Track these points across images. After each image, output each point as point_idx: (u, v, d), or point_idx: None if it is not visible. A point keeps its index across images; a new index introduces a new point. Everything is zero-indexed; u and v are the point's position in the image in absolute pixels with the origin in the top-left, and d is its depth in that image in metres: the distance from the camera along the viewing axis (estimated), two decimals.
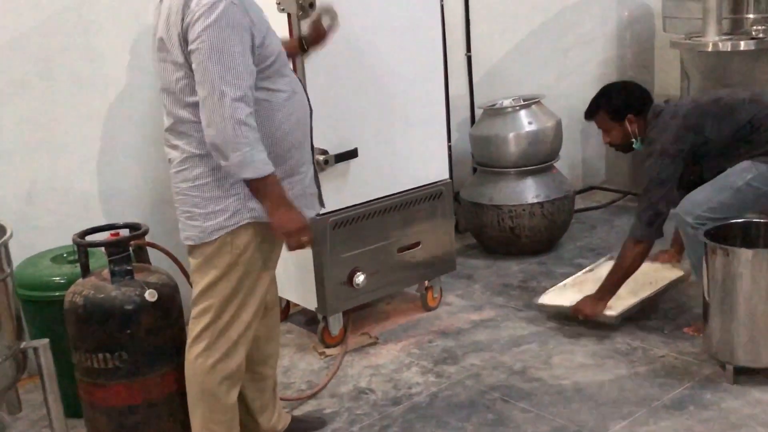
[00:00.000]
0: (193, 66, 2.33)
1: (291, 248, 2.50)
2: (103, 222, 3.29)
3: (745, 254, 3.01)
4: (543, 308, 3.75)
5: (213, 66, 2.28)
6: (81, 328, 2.98)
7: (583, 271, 3.99)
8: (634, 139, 3.55)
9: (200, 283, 2.61)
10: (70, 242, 3.34)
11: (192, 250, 2.61)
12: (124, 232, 3.10)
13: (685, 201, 3.36)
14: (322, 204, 2.80)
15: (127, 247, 3.01)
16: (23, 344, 2.85)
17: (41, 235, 3.47)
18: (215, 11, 2.28)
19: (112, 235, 3.06)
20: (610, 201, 5.34)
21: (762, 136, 3.31)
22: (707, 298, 3.13)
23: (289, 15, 3.16)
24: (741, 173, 3.29)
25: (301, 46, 2.97)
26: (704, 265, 3.11)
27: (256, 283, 2.60)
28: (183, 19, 2.33)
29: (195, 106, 2.38)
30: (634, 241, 3.40)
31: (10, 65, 3.35)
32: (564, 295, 3.75)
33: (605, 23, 5.55)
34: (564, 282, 3.88)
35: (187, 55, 2.35)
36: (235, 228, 2.48)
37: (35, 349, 2.82)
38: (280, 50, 2.51)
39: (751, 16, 4.60)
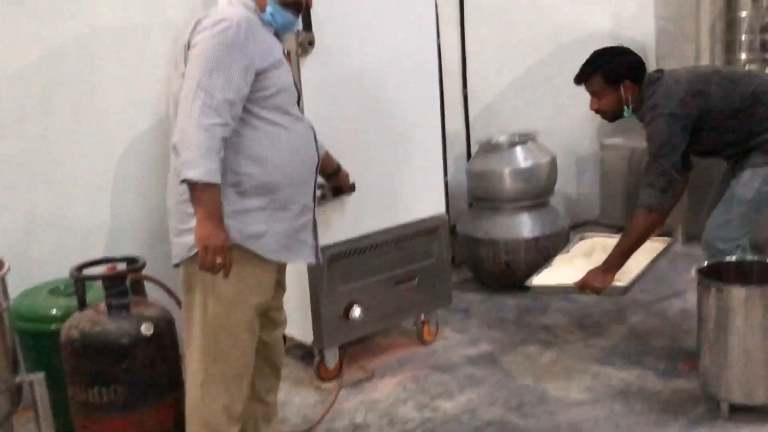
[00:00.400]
0: (186, 69, 2.42)
1: (202, 265, 2.41)
2: (101, 254, 3.33)
3: (739, 292, 3.02)
4: (538, 290, 3.68)
5: (199, 70, 2.36)
6: (77, 362, 2.98)
7: (559, 254, 3.90)
8: (625, 107, 3.43)
9: (187, 306, 2.62)
10: (68, 275, 3.36)
11: (182, 272, 2.61)
12: (122, 266, 3.11)
13: (710, 228, 3.38)
14: (317, 258, 2.77)
15: (124, 281, 3.02)
16: (18, 378, 2.85)
17: (39, 267, 3.48)
18: (219, 26, 2.40)
19: (109, 268, 3.07)
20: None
21: (763, 110, 3.32)
22: (701, 335, 3.14)
23: (288, 52, 3.21)
24: (747, 184, 3.33)
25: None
26: (698, 302, 3.13)
27: (245, 308, 2.58)
28: (192, 32, 2.46)
29: None
30: (648, 210, 3.30)
31: (11, 98, 3.38)
32: (554, 275, 3.66)
33: None
34: (546, 265, 3.78)
35: (187, 62, 2.43)
36: None
37: (30, 383, 2.83)
38: (287, 89, 2.56)
39: (743, 56, 4.67)
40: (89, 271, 3.15)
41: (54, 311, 3.23)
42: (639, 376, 3.51)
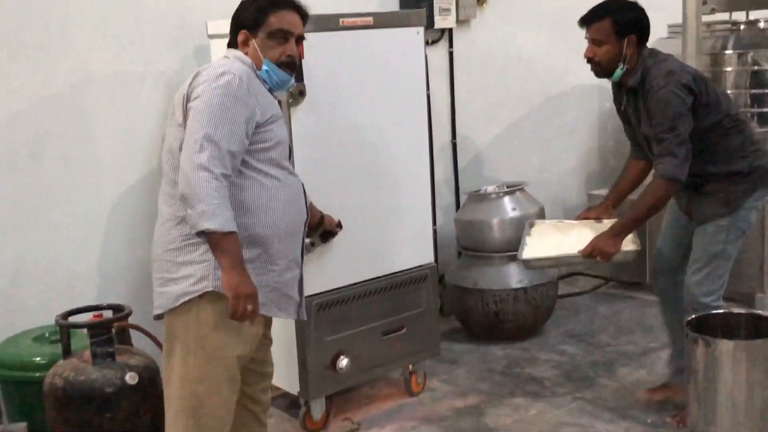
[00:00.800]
0: (188, 121, 2.42)
1: (234, 314, 2.41)
2: (87, 302, 3.31)
3: (726, 345, 3.02)
4: (535, 264, 3.50)
5: (202, 119, 2.38)
6: (60, 411, 2.97)
7: (523, 241, 3.55)
8: (621, 63, 3.24)
9: (168, 356, 2.58)
10: (53, 321, 3.35)
11: (165, 322, 2.58)
12: (108, 314, 3.11)
13: (691, 286, 3.32)
14: (301, 314, 2.77)
15: (109, 329, 3.03)
16: (1, 427, 2.82)
17: (24, 313, 3.46)
18: (223, 79, 2.43)
19: (95, 316, 3.08)
20: (593, 287, 5.37)
21: (735, 138, 3.25)
22: (690, 388, 3.14)
23: (279, 102, 3.24)
24: (714, 240, 3.28)
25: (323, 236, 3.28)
26: (686, 355, 3.13)
27: (227, 361, 2.54)
28: (191, 84, 2.48)
29: None
30: (671, 180, 3.16)
31: (3, 144, 3.40)
32: (544, 246, 3.46)
33: (587, 114, 5.70)
34: (527, 237, 3.54)
35: (186, 112, 2.44)
36: (198, 295, 2.46)
37: None
38: (283, 143, 2.60)
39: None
40: (75, 319, 3.14)
41: (38, 359, 3.21)
42: (627, 429, 3.49)
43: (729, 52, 4.73)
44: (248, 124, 2.44)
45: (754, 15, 4.86)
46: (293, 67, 2.67)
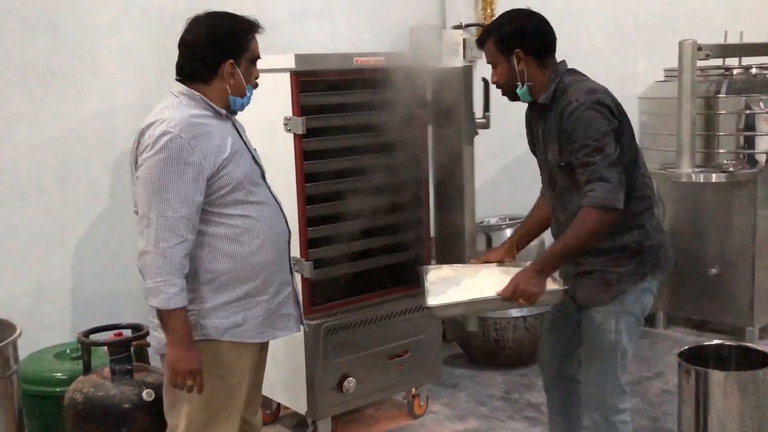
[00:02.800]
0: (137, 189, 2.44)
1: (173, 386, 2.47)
2: (106, 321, 3.42)
3: (717, 376, 3.14)
4: (443, 311, 2.86)
5: (147, 194, 2.37)
6: (79, 425, 3.08)
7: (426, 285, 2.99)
8: (519, 83, 2.81)
9: (165, 398, 2.64)
10: (73, 339, 3.49)
11: (160, 359, 2.62)
12: (127, 332, 3.24)
13: (587, 389, 2.88)
14: (301, 325, 2.78)
15: (128, 347, 3.14)
16: None
17: (46, 331, 3.61)
18: (158, 143, 2.37)
19: (115, 335, 3.20)
20: None
21: (636, 202, 2.74)
22: (682, 417, 3.24)
23: (295, 135, 3.41)
24: (604, 329, 2.79)
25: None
26: (678, 385, 3.24)
27: (222, 405, 2.58)
28: (138, 147, 2.46)
29: None
30: (602, 208, 2.60)
31: (33, 169, 3.57)
32: (452, 290, 2.88)
33: None
34: (428, 283, 2.97)
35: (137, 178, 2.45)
36: None
37: None
38: (245, 179, 2.52)
39: (722, 150, 4.91)
40: (96, 337, 3.28)
41: (59, 375, 3.35)
42: None
43: (722, 95, 4.90)
44: (197, 181, 2.40)
45: (746, 61, 5.03)
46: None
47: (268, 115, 3.49)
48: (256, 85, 2.64)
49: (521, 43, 2.79)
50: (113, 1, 3.71)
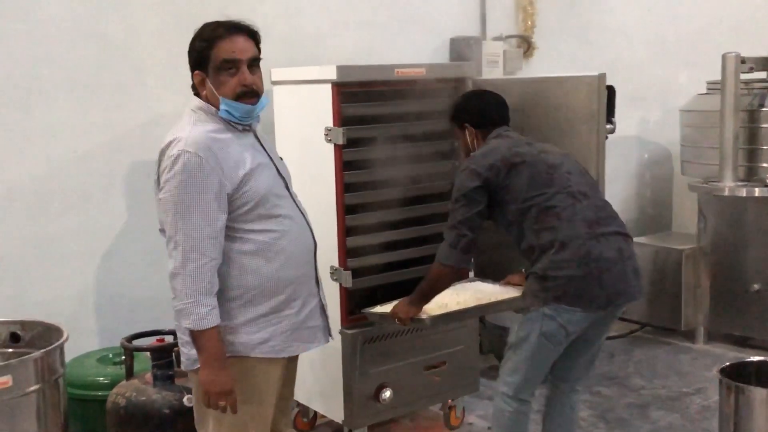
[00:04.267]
0: (160, 211, 2.45)
1: (206, 406, 2.48)
2: (148, 327, 3.47)
3: (760, 393, 3.09)
4: (370, 317, 3.46)
5: (171, 218, 2.38)
6: (121, 428, 3.13)
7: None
8: (473, 150, 3.22)
9: (197, 411, 2.65)
10: (115, 344, 3.54)
11: (190, 375, 2.63)
12: (169, 338, 3.28)
13: (501, 375, 3.18)
14: (329, 336, 2.76)
15: (170, 353, 3.19)
16: None
17: (89, 336, 3.68)
18: (176, 165, 2.37)
19: (158, 340, 3.24)
20: (628, 331, 5.46)
21: (544, 234, 2.94)
22: None
23: (335, 146, 3.45)
24: (521, 325, 3.04)
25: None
26: (719, 401, 3.21)
27: (251, 421, 2.57)
28: (159, 167, 2.47)
29: None
30: (439, 264, 3.07)
31: (78, 177, 3.64)
32: (443, 301, 3.39)
33: (626, 163, 5.82)
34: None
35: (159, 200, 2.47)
36: None
37: None
38: (266, 192, 2.50)
39: (765, 164, 4.85)
40: (138, 342, 3.33)
41: (102, 379, 3.41)
42: None
43: (766, 109, 4.84)
44: (219, 199, 2.40)
45: None
46: (254, 95, 2.51)
47: (309, 126, 3.54)
48: (240, 94, 2.49)
49: (469, 117, 3.27)
50: (160, 11, 3.79)
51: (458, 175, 3.08)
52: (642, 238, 5.61)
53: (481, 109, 3.28)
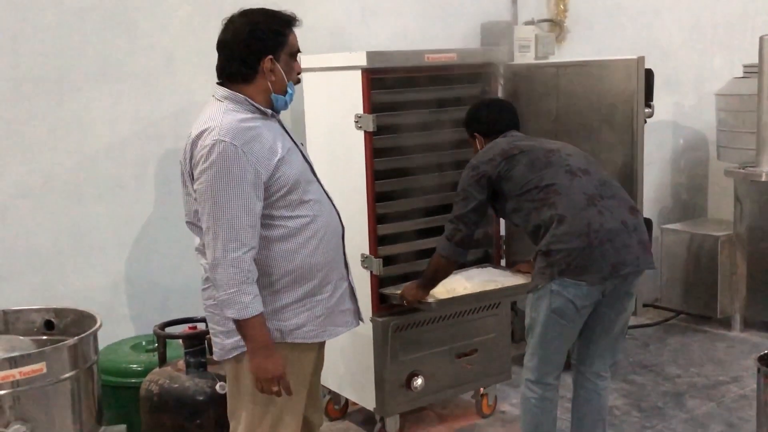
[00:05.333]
0: (198, 202, 2.44)
1: (261, 392, 2.49)
2: (180, 314, 3.50)
3: None
4: (387, 297, 3.56)
5: (209, 208, 2.38)
6: (154, 415, 3.16)
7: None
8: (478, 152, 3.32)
9: (231, 400, 2.66)
10: (147, 332, 3.57)
11: (225, 366, 2.67)
12: (201, 326, 3.30)
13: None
14: (359, 319, 2.78)
15: (203, 341, 3.21)
16: (102, 429, 3.03)
17: (122, 323, 3.71)
18: (212, 155, 2.36)
19: (190, 328, 3.26)
20: (663, 319, 5.40)
21: (544, 211, 3.00)
22: (761, 423, 3.16)
23: (365, 133, 3.43)
24: (529, 308, 3.10)
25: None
26: (757, 390, 3.16)
27: (285, 404, 2.57)
28: (192, 158, 2.45)
29: None
30: (437, 254, 3.26)
31: (110, 167, 3.67)
32: (450, 284, 3.57)
33: (662, 149, 5.74)
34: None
35: (194, 191, 2.46)
36: None
37: None
38: (298, 178, 2.51)
39: None
40: (171, 330, 3.36)
41: (135, 366, 3.44)
42: None
43: None
44: (256, 187, 2.41)
45: None
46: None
47: (339, 113, 3.52)
48: (298, 81, 2.61)
49: (476, 125, 3.39)
50: (189, 0, 3.79)
51: (463, 172, 3.21)
52: (677, 225, 5.54)
53: (489, 118, 3.38)
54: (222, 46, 2.53)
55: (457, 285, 3.56)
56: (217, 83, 2.57)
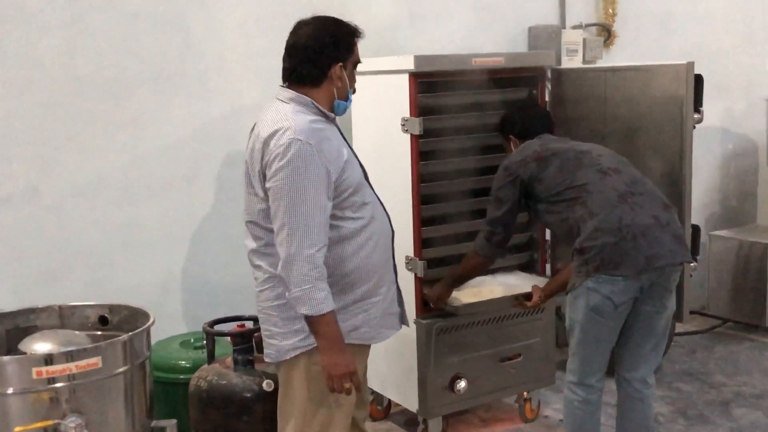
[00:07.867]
0: (270, 202, 2.48)
1: (330, 390, 2.52)
2: (228, 312, 3.55)
3: None
4: (426, 298, 3.59)
5: (285, 205, 2.40)
6: (202, 411, 3.21)
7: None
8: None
9: (282, 401, 2.70)
10: (196, 329, 3.63)
11: (276, 366, 2.72)
12: (249, 324, 3.35)
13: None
14: (404, 322, 2.83)
15: (250, 339, 3.25)
16: (153, 423, 3.09)
17: (171, 320, 3.78)
18: (289, 153, 2.40)
19: (238, 326, 3.30)
20: (710, 327, 5.33)
21: (577, 209, 3.02)
22: None
23: (412, 136, 3.45)
24: (568, 312, 3.10)
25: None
26: None
27: (337, 402, 2.61)
28: (263, 157, 2.47)
29: None
30: (474, 252, 3.34)
31: (162, 167, 3.74)
32: (483, 287, 3.71)
33: (710, 154, 5.66)
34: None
35: (266, 190, 2.49)
36: (309, 348, 2.56)
37: (163, 429, 3.05)
38: (359, 180, 2.59)
39: None
40: (219, 327, 3.41)
41: (184, 362, 3.50)
42: None
43: None
44: (328, 187, 2.45)
45: None
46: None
47: (385, 116, 3.55)
48: (355, 90, 2.68)
49: (510, 128, 3.50)
50: (242, 4, 3.85)
51: (495, 174, 3.26)
52: (725, 231, 5.47)
53: (522, 121, 3.47)
54: (294, 48, 2.59)
55: (484, 288, 3.63)
56: (282, 85, 2.61)
